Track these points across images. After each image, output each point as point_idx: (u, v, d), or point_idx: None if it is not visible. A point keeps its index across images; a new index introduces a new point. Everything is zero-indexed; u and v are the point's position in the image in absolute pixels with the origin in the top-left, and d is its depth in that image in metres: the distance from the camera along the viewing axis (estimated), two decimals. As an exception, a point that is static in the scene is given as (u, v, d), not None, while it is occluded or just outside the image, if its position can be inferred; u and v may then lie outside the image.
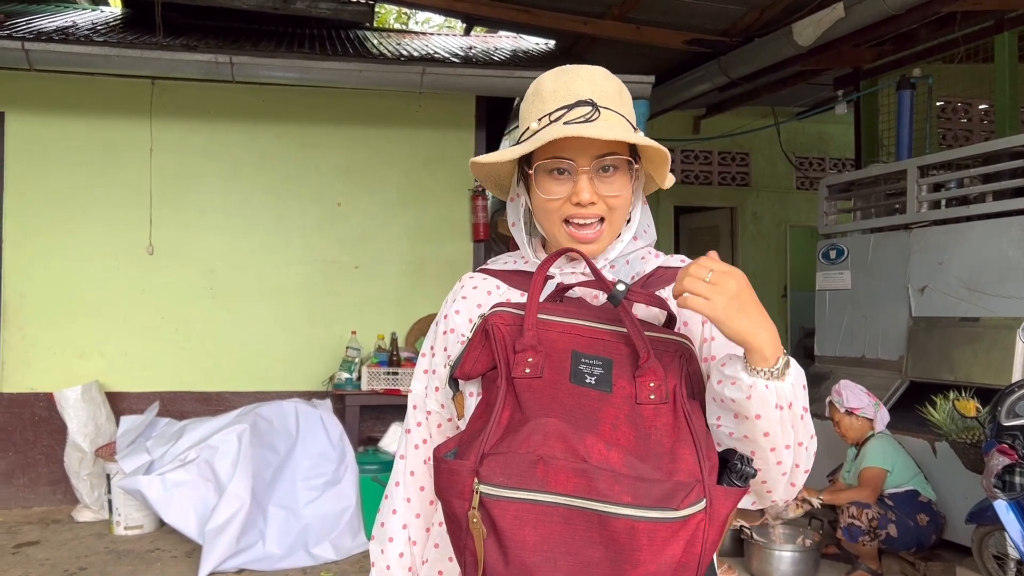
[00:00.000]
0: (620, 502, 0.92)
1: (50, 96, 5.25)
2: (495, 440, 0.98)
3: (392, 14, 14.25)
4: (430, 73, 5.00)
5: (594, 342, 1.08)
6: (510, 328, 1.08)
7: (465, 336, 1.22)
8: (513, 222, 1.31)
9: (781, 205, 9.07)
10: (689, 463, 0.97)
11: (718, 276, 0.98)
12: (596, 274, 1.12)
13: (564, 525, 0.93)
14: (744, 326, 0.98)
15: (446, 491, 0.99)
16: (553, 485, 0.93)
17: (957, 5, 5.09)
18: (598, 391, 1.02)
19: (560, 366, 1.04)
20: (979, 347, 4.40)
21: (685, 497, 0.93)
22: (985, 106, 7.64)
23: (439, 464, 1.01)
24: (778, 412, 1.01)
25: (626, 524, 0.91)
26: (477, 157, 1.24)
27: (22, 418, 5.20)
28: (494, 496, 0.94)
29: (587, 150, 1.16)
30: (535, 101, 1.22)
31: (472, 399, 1.16)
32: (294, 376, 5.46)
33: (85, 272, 5.29)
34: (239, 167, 5.49)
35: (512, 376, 1.04)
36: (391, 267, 5.65)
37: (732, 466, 1.00)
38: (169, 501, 4.21)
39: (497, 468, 0.95)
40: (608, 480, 0.93)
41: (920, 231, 4.94)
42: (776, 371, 0.99)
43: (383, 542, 1.30)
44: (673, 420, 1.01)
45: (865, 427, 4.19)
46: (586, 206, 1.16)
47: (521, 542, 0.93)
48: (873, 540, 3.90)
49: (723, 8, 5.75)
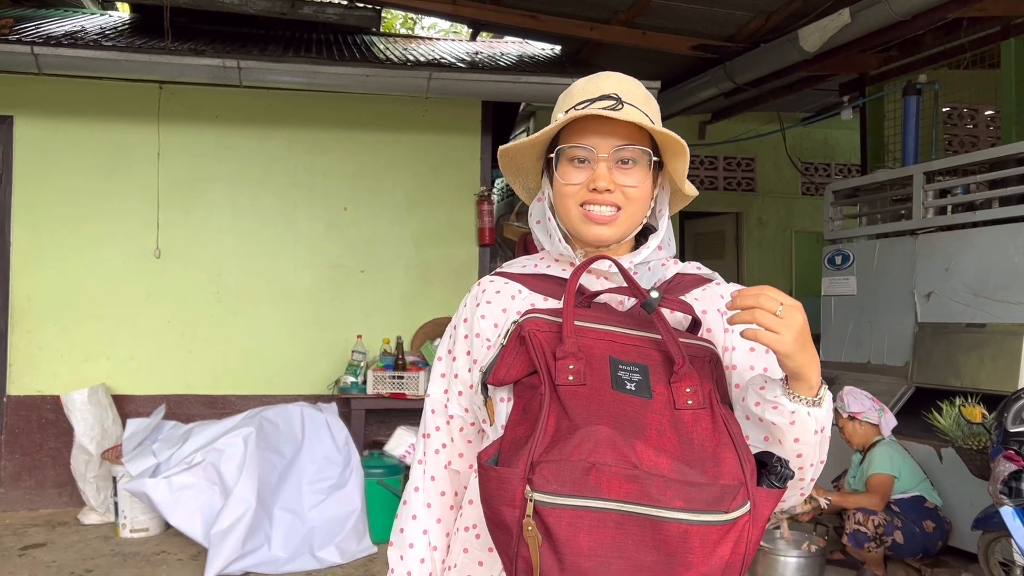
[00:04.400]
0: (673, 507, 0.94)
1: (59, 100, 5.28)
2: (544, 448, 0.98)
3: (398, 19, 14.30)
4: (437, 78, 5.02)
5: (628, 348, 1.09)
6: (547, 335, 1.09)
7: (492, 341, 1.23)
8: (538, 220, 1.32)
9: (787, 210, 9.07)
10: (732, 466, 0.99)
11: (788, 311, 1.00)
12: (629, 281, 1.14)
13: (617, 530, 0.94)
14: (804, 360, 1.02)
15: (494, 499, 0.99)
16: (606, 492, 0.94)
17: (963, 11, 5.08)
18: (639, 398, 1.04)
19: (600, 373, 1.05)
20: (985, 353, 4.39)
21: (733, 500, 0.95)
22: (991, 112, 7.63)
23: (486, 472, 1.01)
24: (816, 436, 1.06)
25: (679, 528, 0.93)
26: (504, 146, 1.27)
27: (29, 421, 5.22)
28: (548, 504, 0.94)
29: (608, 139, 1.18)
30: (565, 99, 1.25)
31: (503, 404, 1.16)
32: (300, 380, 5.47)
33: (92, 275, 5.31)
34: (246, 171, 5.51)
35: (556, 383, 1.04)
36: (397, 271, 5.66)
37: (772, 468, 1.02)
38: (175, 504, 4.23)
39: (550, 476, 0.95)
40: (660, 485, 0.94)
41: (926, 237, 4.93)
42: (818, 399, 1.04)
43: (403, 548, 1.29)
44: (712, 425, 1.03)
45: (870, 432, 4.18)
46: (603, 192, 1.18)
47: (576, 548, 0.94)
48: (879, 546, 3.89)
49: (729, 14, 5.76)
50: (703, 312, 1.20)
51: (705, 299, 1.23)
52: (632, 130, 1.19)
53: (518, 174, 1.35)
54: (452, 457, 1.30)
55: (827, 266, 5.67)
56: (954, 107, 7.60)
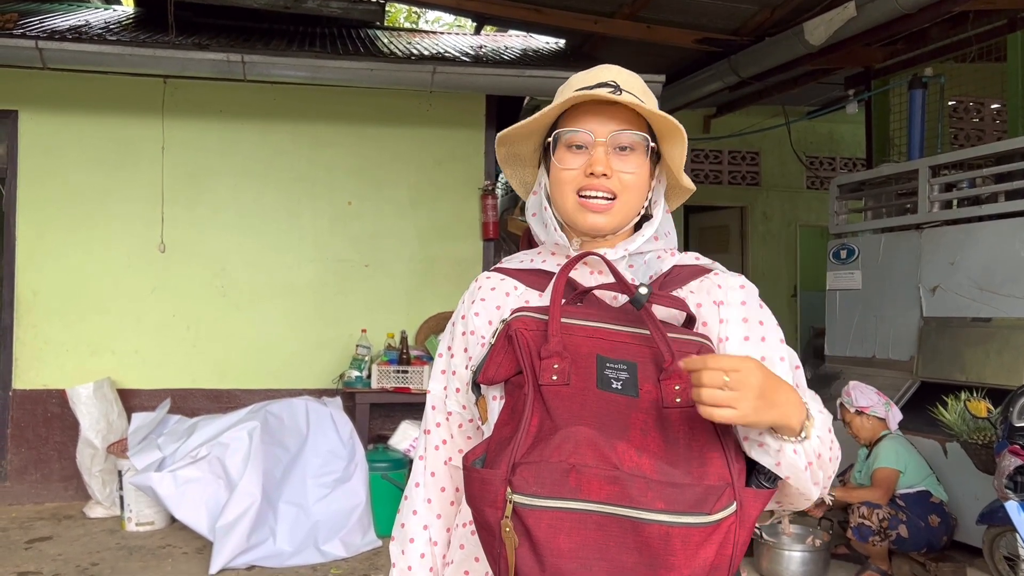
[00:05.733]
0: (654, 508, 0.93)
1: (63, 95, 5.29)
2: (525, 449, 0.98)
3: (402, 13, 14.27)
4: (441, 72, 5.01)
5: (617, 346, 1.07)
6: (533, 333, 1.08)
7: (486, 339, 1.21)
8: (534, 212, 1.31)
9: (791, 204, 9.04)
10: (718, 466, 0.98)
11: (736, 379, 0.93)
12: (617, 277, 1.12)
13: (598, 532, 0.94)
14: (774, 416, 0.97)
15: (478, 500, 0.99)
16: (586, 493, 0.94)
17: (969, 4, 5.06)
18: (625, 396, 1.03)
19: (586, 372, 1.04)
20: (991, 347, 4.38)
21: (717, 501, 0.94)
22: (997, 105, 7.59)
23: (470, 473, 1.01)
24: (807, 471, 1.02)
25: (660, 530, 0.92)
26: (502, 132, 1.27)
27: (35, 415, 5.24)
28: (528, 505, 0.94)
29: (606, 124, 1.18)
30: (564, 90, 1.25)
31: (495, 403, 1.15)
32: (305, 374, 5.48)
33: (97, 270, 5.32)
34: (251, 166, 5.52)
35: (539, 384, 1.03)
36: (401, 265, 5.66)
37: (761, 468, 1.01)
38: (180, 498, 4.24)
39: (530, 477, 0.95)
40: (641, 487, 0.94)
41: (931, 231, 4.92)
42: (803, 437, 1.00)
43: (403, 543, 1.29)
44: (700, 424, 1.01)
45: (877, 427, 4.18)
46: (599, 177, 1.17)
47: (556, 550, 0.94)
48: (883, 540, 3.89)
49: (734, 7, 5.74)
50: (698, 305, 1.17)
51: (701, 291, 1.19)
52: (630, 116, 1.19)
53: (515, 165, 1.34)
54: (452, 453, 1.30)
55: (832, 260, 5.66)
56: (960, 101, 7.56)
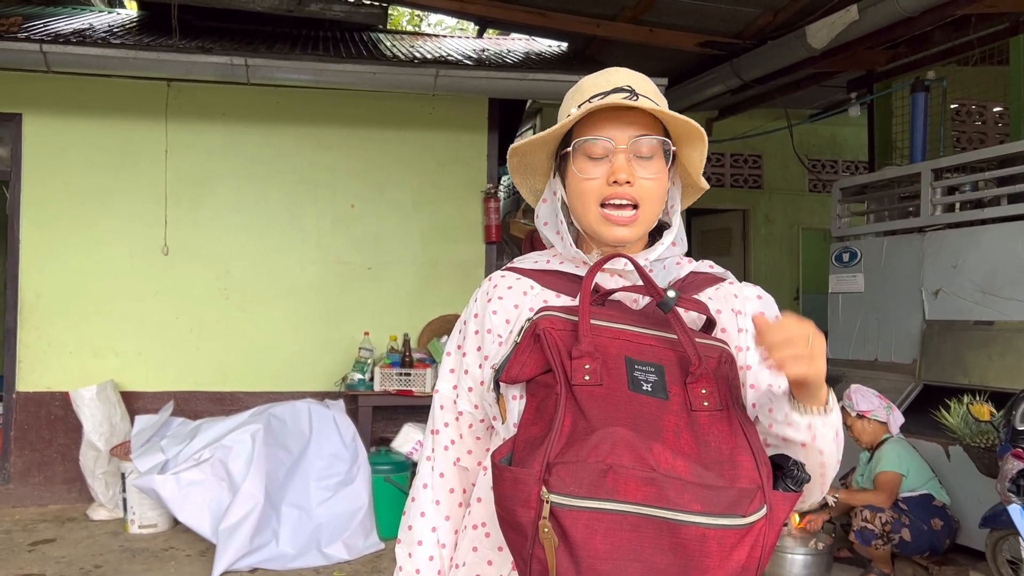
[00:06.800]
0: (690, 510, 0.93)
1: (67, 97, 5.30)
2: (560, 448, 0.97)
3: (405, 17, 14.30)
4: (444, 75, 5.02)
5: (644, 348, 1.08)
6: (561, 333, 1.07)
7: (503, 337, 1.21)
8: (546, 222, 1.30)
9: (794, 207, 9.05)
10: (749, 469, 0.98)
11: (817, 341, 0.99)
12: (647, 280, 1.13)
13: (633, 533, 0.93)
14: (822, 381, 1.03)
15: (509, 499, 0.97)
16: (623, 494, 0.93)
17: (972, 7, 5.06)
18: (656, 399, 1.03)
19: (617, 373, 1.04)
20: (993, 351, 4.38)
21: (750, 503, 0.94)
22: (1000, 108, 7.59)
23: (500, 472, 0.99)
24: (835, 442, 1.08)
25: (697, 531, 0.92)
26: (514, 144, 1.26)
27: (38, 417, 5.25)
28: (565, 505, 0.93)
29: (625, 130, 1.17)
30: (575, 94, 1.24)
31: (515, 402, 1.14)
32: (307, 377, 5.49)
33: (101, 272, 5.33)
34: (254, 168, 5.53)
35: (572, 383, 1.03)
36: (404, 268, 5.67)
37: (788, 471, 1.02)
38: (183, 500, 4.24)
39: (567, 477, 0.94)
40: (677, 488, 0.93)
41: (934, 234, 4.92)
42: (828, 407, 1.05)
43: (411, 545, 1.27)
44: (728, 427, 1.02)
45: (879, 430, 4.17)
46: (623, 185, 1.16)
47: (592, 551, 0.93)
48: (886, 544, 3.89)
49: (736, 10, 5.75)
50: (717, 312, 1.19)
51: (719, 298, 1.21)
52: (648, 121, 1.18)
53: (526, 174, 1.33)
54: (461, 454, 1.28)
55: (834, 263, 5.66)
56: (962, 104, 7.56)
